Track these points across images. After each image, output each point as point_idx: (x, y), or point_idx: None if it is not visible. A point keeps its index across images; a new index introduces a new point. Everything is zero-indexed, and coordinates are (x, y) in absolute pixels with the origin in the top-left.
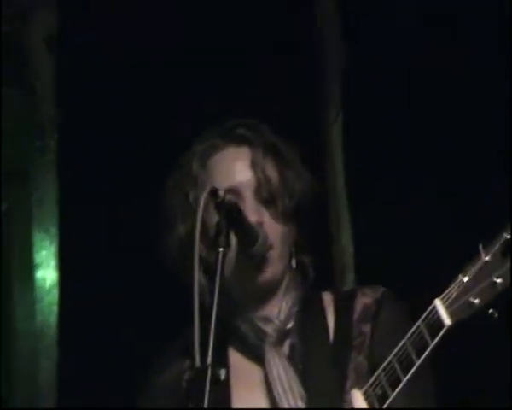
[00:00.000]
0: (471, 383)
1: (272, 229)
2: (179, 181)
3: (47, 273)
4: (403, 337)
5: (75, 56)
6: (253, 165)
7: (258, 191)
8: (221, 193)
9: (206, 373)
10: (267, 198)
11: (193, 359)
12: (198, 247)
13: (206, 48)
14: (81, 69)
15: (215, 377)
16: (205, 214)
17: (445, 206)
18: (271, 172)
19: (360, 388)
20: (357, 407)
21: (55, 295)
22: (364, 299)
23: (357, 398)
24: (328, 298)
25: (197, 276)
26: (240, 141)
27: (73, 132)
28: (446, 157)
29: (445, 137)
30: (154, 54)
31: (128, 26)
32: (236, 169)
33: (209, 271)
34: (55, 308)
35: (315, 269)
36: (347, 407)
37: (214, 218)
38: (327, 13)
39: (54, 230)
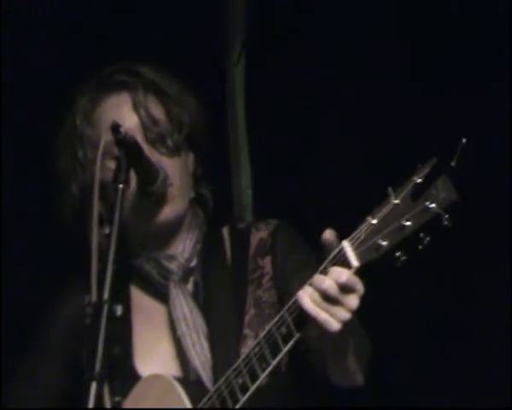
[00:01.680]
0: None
1: (168, 165)
2: (66, 140)
3: None
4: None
5: None
6: (136, 108)
7: (146, 133)
8: (122, 130)
9: (102, 309)
10: (156, 138)
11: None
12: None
13: None
14: None
15: (111, 313)
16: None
17: (351, 144)
18: (156, 110)
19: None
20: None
21: None
22: (259, 234)
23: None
24: (226, 234)
25: (96, 212)
26: (119, 87)
27: None
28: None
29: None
30: None
31: None
32: (121, 116)
33: (106, 222)
34: None
35: (216, 207)
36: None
37: (108, 171)
38: None
39: None
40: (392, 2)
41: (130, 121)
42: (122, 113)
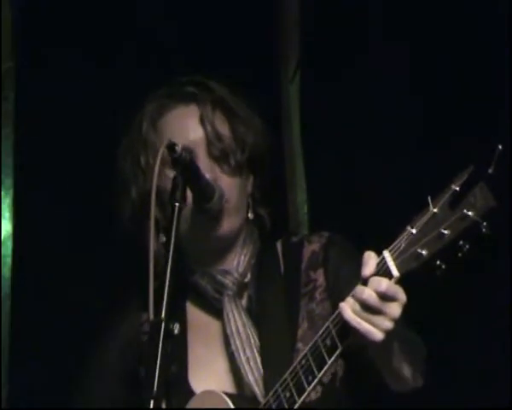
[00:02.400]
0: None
1: (227, 184)
2: (130, 144)
3: (1, 225)
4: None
5: None
6: (203, 122)
7: (209, 148)
8: (178, 148)
9: (160, 327)
10: (219, 154)
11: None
12: (155, 202)
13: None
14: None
15: (168, 331)
16: (158, 176)
17: (397, 162)
18: (221, 127)
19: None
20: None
21: (8, 247)
22: (312, 247)
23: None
24: (280, 248)
25: (153, 231)
26: (188, 99)
27: (32, 84)
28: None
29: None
30: None
31: None
32: (187, 128)
33: (164, 231)
34: (9, 260)
35: (271, 222)
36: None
37: (167, 180)
38: None
39: (9, 181)
40: None
41: (195, 134)
42: (188, 124)
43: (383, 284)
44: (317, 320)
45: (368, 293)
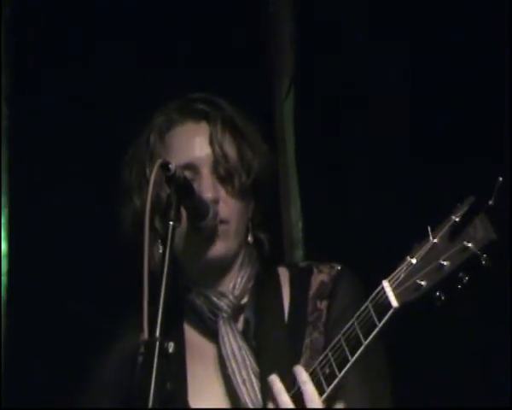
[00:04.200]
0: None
1: (229, 205)
2: (137, 154)
3: None
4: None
5: None
6: (211, 141)
7: (215, 168)
8: (172, 166)
9: (154, 346)
10: (224, 175)
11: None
12: (149, 220)
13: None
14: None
15: (163, 351)
16: (159, 188)
17: (394, 186)
18: (229, 148)
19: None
20: (301, 381)
21: (3, 266)
22: (321, 276)
23: (300, 373)
24: (283, 273)
25: (147, 248)
26: (198, 116)
27: (26, 99)
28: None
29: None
30: None
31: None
32: (194, 145)
33: (163, 243)
34: (5, 279)
35: (271, 246)
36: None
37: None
38: None
39: (4, 199)
40: None
41: (202, 152)
42: (196, 141)
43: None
44: (319, 350)
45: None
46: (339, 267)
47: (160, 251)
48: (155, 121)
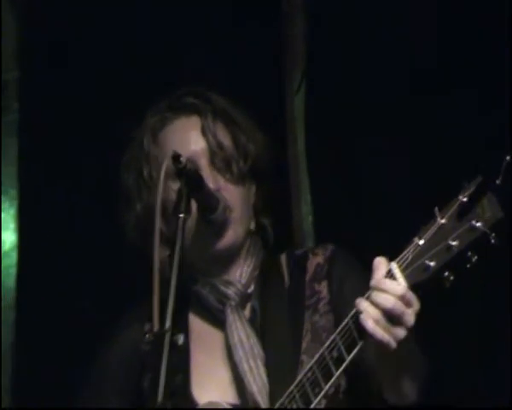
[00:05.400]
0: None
1: (230, 193)
2: (133, 158)
3: (6, 236)
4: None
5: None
6: (204, 133)
7: (212, 158)
8: (183, 159)
9: (164, 338)
10: (222, 164)
11: (152, 324)
12: (159, 213)
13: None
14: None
15: (173, 342)
16: (164, 190)
17: (403, 172)
18: (223, 137)
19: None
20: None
21: (13, 258)
22: (316, 259)
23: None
24: (284, 261)
25: (157, 242)
26: (189, 110)
27: (35, 94)
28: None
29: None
30: None
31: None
32: (189, 139)
33: (168, 242)
34: (13, 271)
35: (276, 235)
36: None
37: (170, 192)
38: None
39: (13, 192)
40: None
41: (196, 145)
42: (190, 136)
43: (399, 288)
44: (320, 333)
45: (384, 297)
46: (331, 247)
47: (166, 254)
48: (147, 122)
